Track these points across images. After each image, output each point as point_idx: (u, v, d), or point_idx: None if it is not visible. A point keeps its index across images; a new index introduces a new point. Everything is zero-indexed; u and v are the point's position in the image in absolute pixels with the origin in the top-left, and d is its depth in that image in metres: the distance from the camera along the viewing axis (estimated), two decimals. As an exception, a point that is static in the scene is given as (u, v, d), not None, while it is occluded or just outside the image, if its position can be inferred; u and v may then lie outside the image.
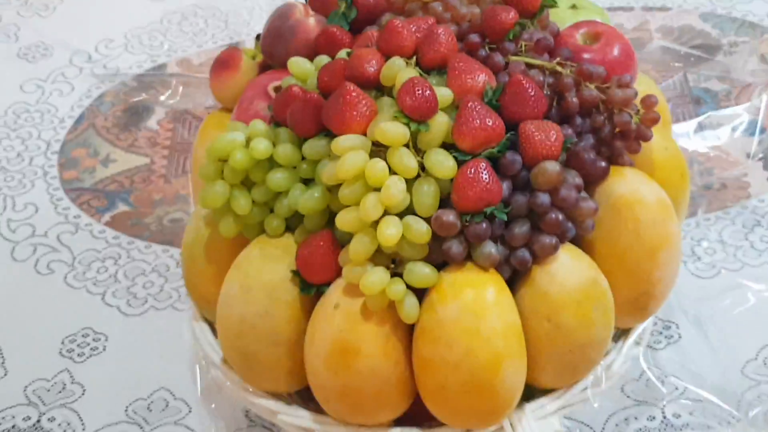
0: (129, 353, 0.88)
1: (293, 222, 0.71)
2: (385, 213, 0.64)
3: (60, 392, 0.85)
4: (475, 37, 0.71)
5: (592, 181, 0.69)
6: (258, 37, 0.81)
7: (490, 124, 0.65)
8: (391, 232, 0.63)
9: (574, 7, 0.80)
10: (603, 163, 0.69)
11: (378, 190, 0.64)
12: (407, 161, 0.65)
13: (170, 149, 1.05)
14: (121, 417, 0.83)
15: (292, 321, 0.69)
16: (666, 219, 0.70)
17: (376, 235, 0.64)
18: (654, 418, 0.80)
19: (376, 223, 0.64)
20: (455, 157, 0.65)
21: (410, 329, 0.67)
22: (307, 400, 0.73)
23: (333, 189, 0.68)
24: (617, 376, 0.73)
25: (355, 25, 0.76)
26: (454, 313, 0.64)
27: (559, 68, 0.69)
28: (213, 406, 0.81)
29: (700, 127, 0.99)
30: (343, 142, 0.65)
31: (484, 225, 0.65)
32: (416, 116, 0.65)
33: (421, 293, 0.66)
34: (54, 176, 1.03)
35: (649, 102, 0.70)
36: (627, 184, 0.70)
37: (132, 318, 0.91)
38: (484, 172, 0.64)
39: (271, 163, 0.70)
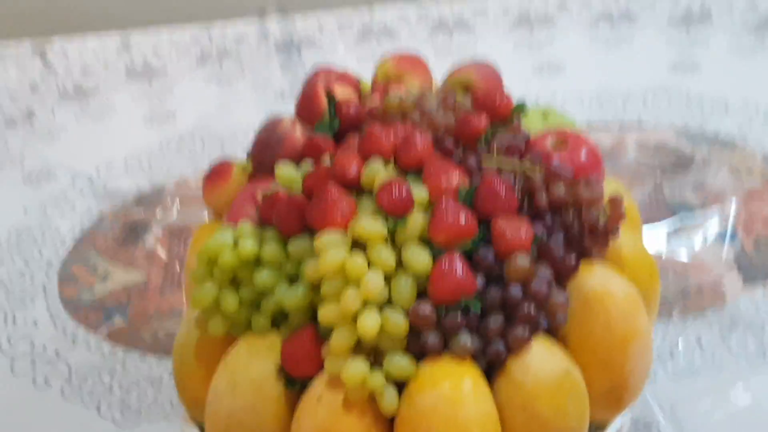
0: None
1: (279, 319, 0.74)
2: (365, 306, 0.67)
3: None
4: (449, 142, 0.75)
5: (563, 276, 0.73)
6: (248, 154, 0.85)
7: (463, 220, 0.69)
8: (370, 324, 0.66)
9: (545, 116, 0.85)
10: (573, 259, 0.72)
11: (357, 284, 0.67)
12: (385, 256, 0.68)
13: (166, 265, 1.09)
14: None
15: (277, 416, 0.71)
16: (635, 312, 0.73)
17: (356, 328, 0.67)
18: None
19: (355, 315, 0.67)
20: (431, 252, 0.69)
21: (390, 422, 0.70)
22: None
23: (316, 286, 0.71)
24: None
25: (339, 134, 0.81)
26: (431, 403, 0.67)
27: (527, 171, 0.74)
28: None
29: (675, 234, 1.03)
30: (325, 239, 0.69)
31: (459, 317, 0.68)
32: (394, 213, 0.69)
33: (401, 384, 0.69)
34: (54, 294, 1.07)
35: (616, 201, 0.74)
36: (597, 278, 0.73)
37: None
38: (458, 265, 0.68)
39: (257, 262, 0.73)
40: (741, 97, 1.21)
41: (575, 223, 0.73)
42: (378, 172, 0.72)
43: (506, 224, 0.70)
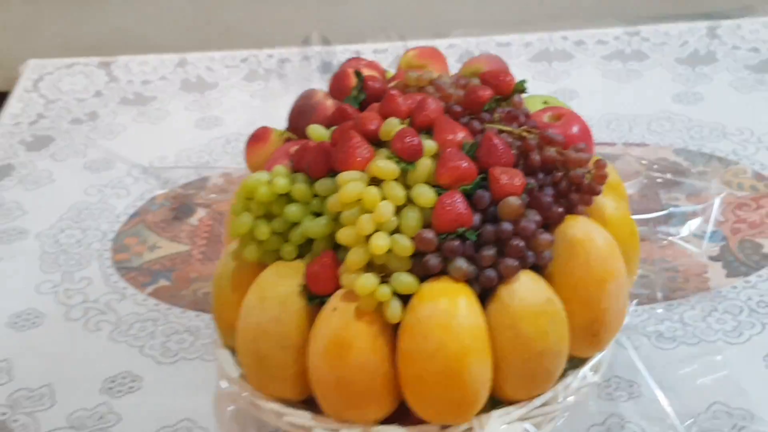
0: (160, 392, 1.01)
1: (304, 250, 0.86)
2: (377, 230, 0.79)
3: (99, 419, 0.98)
4: (457, 108, 0.88)
5: (550, 224, 0.84)
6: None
7: (464, 165, 0.81)
8: (381, 243, 0.78)
9: (545, 103, 0.98)
10: (560, 209, 0.84)
11: (371, 212, 0.80)
12: (396, 191, 0.80)
13: (207, 240, 1.21)
14: (149, 440, 0.96)
15: (299, 328, 0.83)
16: (613, 257, 0.84)
17: (369, 248, 0.79)
18: (619, 453, 0.91)
19: (368, 238, 0.79)
20: (436, 191, 0.81)
21: (394, 334, 0.81)
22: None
23: (337, 218, 0.83)
24: (573, 395, 0.85)
25: (364, 105, 0.94)
26: (429, 313, 0.78)
27: (525, 133, 0.86)
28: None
29: (664, 224, 1.14)
30: (346, 175, 0.82)
31: (457, 242, 0.79)
32: (405, 157, 0.81)
33: (404, 301, 0.80)
34: (108, 258, 1.20)
35: (600, 164, 0.86)
36: (580, 227, 0.85)
37: (165, 366, 1.04)
38: (458, 200, 0.80)
39: (288, 199, 0.86)
40: (737, 125, 1.32)
41: (563, 181, 0.85)
42: (395, 126, 0.85)
43: (502, 172, 0.82)
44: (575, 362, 0.87)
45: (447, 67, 1.02)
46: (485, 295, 0.82)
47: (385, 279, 0.80)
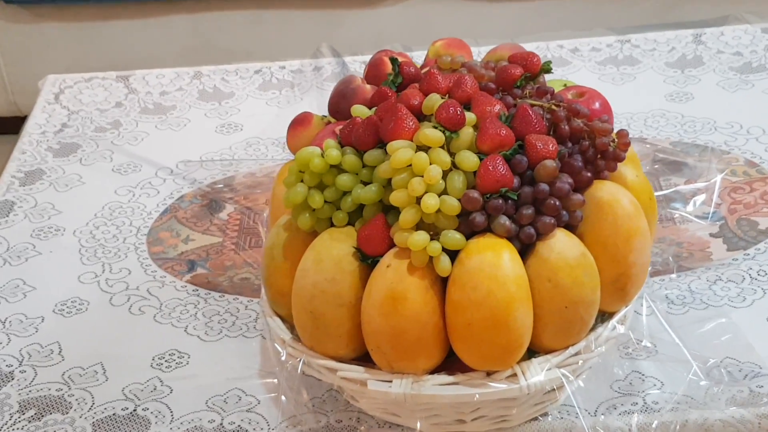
0: (208, 366, 1.07)
1: (353, 217, 0.93)
2: (427, 191, 0.87)
3: (152, 391, 1.04)
4: (491, 85, 0.96)
5: (579, 188, 0.92)
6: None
7: (503, 133, 0.89)
8: (431, 203, 0.86)
9: (565, 85, 1.06)
10: (588, 174, 0.92)
11: (421, 175, 0.87)
12: (443, 156, 0.88)
13: (238, 232, 1.28)
14: (202, 407, 1.02)
15: (353, 287, 0.90)
16: (638, 215, 0.92)
17: (420, 208, 0.87)
18: (636, 404, 0.98)
19: (419, 199, 0.87)
20: (478, 156, 0.89)
21: (443, 288, 0.88)
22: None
23: (386, 186, 0.91)
24: (604, 344, 0.93)
25: (400, 88, 1.02)
26: (477, 265, 0.86)
27: (554, 107, 0.94)
28: (282, 398, 0.99)
29: (667, 206, 1.23)
30: (396, 144, 0.89)
31: (500, 201, 0.87)
32: (450, 126, 0.89)
33: (452, 257, 0.88)
34: (143, 250, 1.26)
35: (622, 133, 0.94)
36: (606, 190, 0.93)
37: (210, 343, 1.11)
38: (500, 164, 0.88)
39: (339, 170, 0.93)
40: (727, 119, 1.42)
41: (590, 149, 0.94)
42: (436, 100, 0.93)
43: (537, 139, 0.90)
44: (603, 317, 0.95)
45: (472, 56, 1.11)
46: (524, 252, 0.89)
47: (434, 237, 0.87)
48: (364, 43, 1.68)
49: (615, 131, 0.95)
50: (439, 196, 0.87)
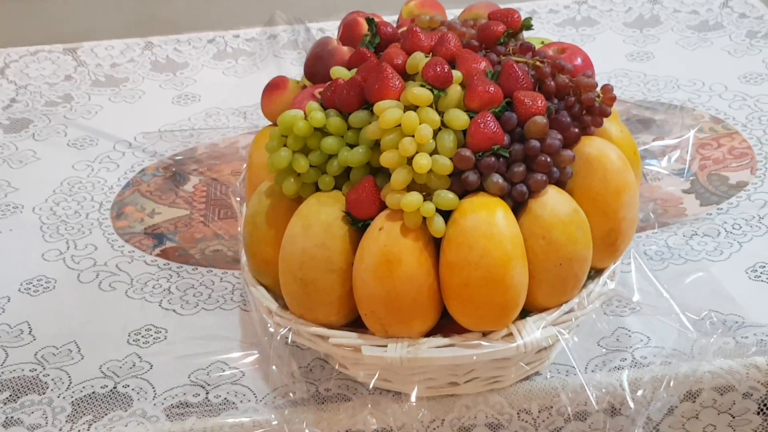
0: (187, 340, 1.04)
1: (340, 181, 0.91)
2: (418, 151, 0.85)
3: (131, 368, 1.01)
4: (474, 42, 0.95)
5: (568, 144, 0.91)
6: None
7: (492, 90, 0.88)
8: (424, 162, 0.84)
9: (542, 43, 1.05)
10: (576, 129, 0.92)
11: (412, 134, 0.85)
12: (432, 115, 0.86)
13: (206, 204, 1.25)
14: (185, 382, 0.99)
15: (343, 252, 0.88)
16: (626, 170, 0.92)
17: (412, 168, 0.85)
18: (625, 359, 0.98)
19: (410, 159, 0.85)
20: (468, 114, 0.88)
21: (436, 250, 0.87)
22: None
23: (373, 148, 0.89)
24: (596, 300, 0.92)
25: (379, 49, 1.00)
26: (472, 224, 0.84)
27: (538, 63, 0.93)
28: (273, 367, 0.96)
29: (647, 157, 1.24)
30: (383, 104, 0.87)
31: (492, 159, 0.86)
32: (438, 84, 0.88)
33: (445, 217, 0.86)
34: (108, 225, 1.22)
35: (607, 88, 0.93)
36: (594, 145, 0.92)
37: (187, 316, 1.08)
38: (491, 121, 0.86)
39: (323, 133, 0.91)
40: (689, 77, 1.43)
41: (576, 105, 0.93)
42: (421, 59, 0.91)
43: (525, 95, 0.89)
44: (591, 273, 0.94)
45: (446, 16, 1.09)
46: (516, 210, 0.88)
47: (426, 197, 0.86)
48: (317, 9, 1.64)
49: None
50: (430, 155, 0.86)
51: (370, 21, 1.01)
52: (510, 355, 0.88)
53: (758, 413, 0.98)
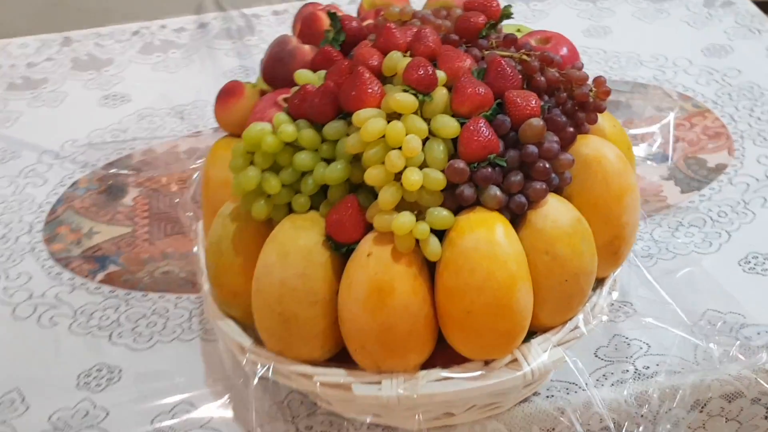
0: (145, 379, 0.94)
1: (316, 200, 0.82)
2: (407, 165, 0.76)
3: (85, 417, 0.90)
4: (454, 36, 0.85)
5: (564, 146, 0.83)
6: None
7: (482, 91, 0.79)
8: (415, 178, 0.75)
9: (518, 31, 0.96)
10: (571, 129, 0.83)
11: (399, 147, 0.76)
12: (419, 123, 0.77)
13: (149, 219, 1.14)
14: (148, 428, 0.89)
15: (326, 281, 0.79)
16: (627, 171, 0.84)
17: (401, 185, 0.76)
18: (627, 371, 0.91)
19: (399, 175, 0.76)
20: (458, 120, 0.78)
21: (431, 273, 0.78)
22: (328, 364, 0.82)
23: (353, 162, 0.79)
24: (603, 314, 0.84)
25: (344, 46, 0.90)
26: (472, 243, 0.76)
27: (525, 57, 0.84)
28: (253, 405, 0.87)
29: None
30: (363, 113, 0.78)
31: (489, 170, 0.77)
32: (422, 88, 0.78)
33: (439, 237, 0.77)
34: (42, 250, 1.10)
35: (600, 80, 0.85)
36: (591, 145, 0.84)
37: (141, 352, 0.97)
38: (484, 127, 0.77)
39: (295, 148, 0.81)
40: (651, 52, 1.36)
41: (568, 101, 0.84)
42: (399, 59, 0.81)
43: (517, 94, 0.80)
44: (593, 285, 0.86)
45: (410, 5, 0.99)
46: (514, 223, 0.80)
47: (418, 217, 0.77)
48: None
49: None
50: (420, 169, 0.77)
51: (332, 15, 0.91)
52: (516, 384, 0.80)
53: (766, 417, 0.92)
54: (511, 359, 0.80)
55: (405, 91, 0.78)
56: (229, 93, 0.92)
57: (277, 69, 0.90)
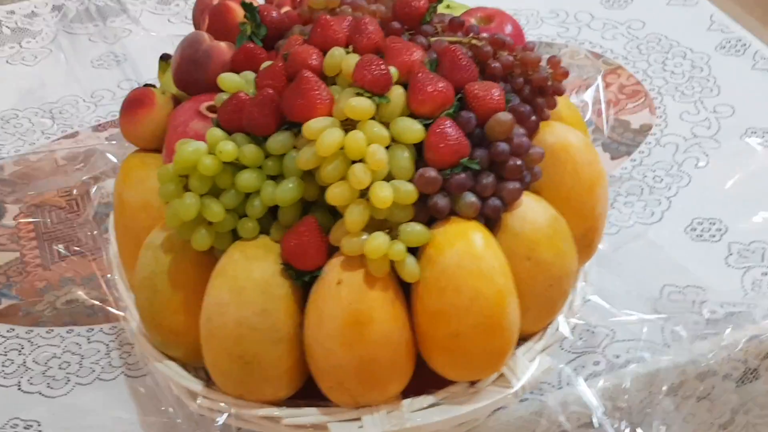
0: (71, 430, 0.83)
1: (264, 224, 0.72)
2: (374, 179, 0.67)
3: (6, 485, 0.79)
4: (396, 24, 0.76)
5: (528, 135, 0.76)
6: (162, 57, 0.82)
7: (442, 87, 0.71)
8: (385, 194, 0.67)
9: (448, 7, 0.88)
10: (533, 118, 0.76)
11: (362, 160, 0.67)
12: (380, 131, 0.68)
13: (37, 240, 1.01)
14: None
15: (288, 315, 0.70)
16: (596, 157, 0.78)
17: (370, 202, 0.67)
18: (599, 362, 0.86)
19: (365, 192, 0.67)
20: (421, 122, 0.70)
21: (406, 294, 0.70)
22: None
23: (305, 177, 0.70)
24: (580, 312, 0.79)
25: (267, 41, 0.79)
26: (454, 260, 0.68)
27: (475, 41, 0.76)
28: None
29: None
30: (314, 124, 0.68)
31: (463, 175, 0.69)
32: (377, 90, 0.69)
33: (412, 253, 0.69)
34: None
35: (555, 61, 0.78)
36: (555, 133, 0.77)
37: (59, 398, 0.86)
38: (452, 128, 0.69)
39: (235, 167, 0.71)
40: (550, 7, 1.29)
41: (525, 87, 0.77)
42: (343, 57, 0.72)
43: (478, 87, 0.72)
44: (563, 279, 0.80)
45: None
46: (489, 229, 0.72)
47: (390, 234, 0.68)
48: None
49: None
50: (388, 182, 0.68)
51: (248, 6, 0.80)
52: (508, 403, 0.73)
53: (735, 391, 0.89)
54: (498, 375, 0.73)
55: (359, 94, 0.69)
56: (136, 103, 0.80)
57: (192, 72, 0.79)
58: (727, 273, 0.94)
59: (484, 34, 0.77)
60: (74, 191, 1.05)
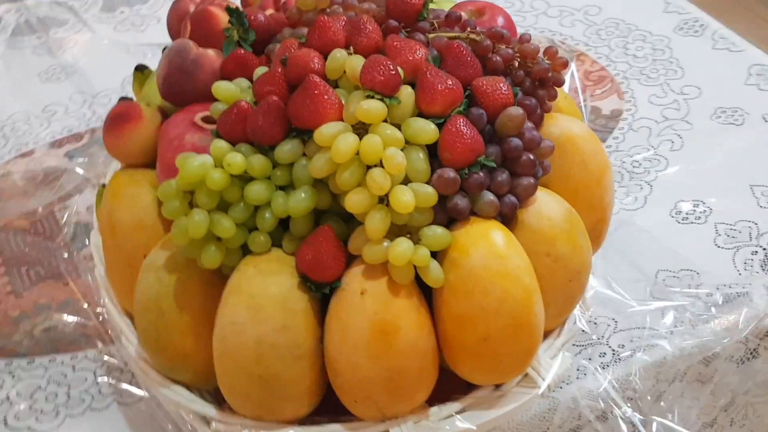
0: (65, 466, 0.79)
1: (274, 236, 0.69)
2: (393, 183, 0.65)
3: None
4: (393, 22, 0.74)
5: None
6: (138, 68, 0.79)
7: (452, 85, 0.69)
8: (406, 198, 0.64)
9: (432, 2, 0.86)
10: (539, 110, 0.75)
11: (380, 164, 0.65)
12: (394, 133, 0.66)
13: (4, 266, 0.96)
14: None
15: (309, 329, 0.67)
16: (600, 147, 0.77)
17: (390, 208, 0.64)
18: (605, 354, 0.85)
19: (384, 197, 0.65)
20: (433, 122, 0.68)
21: (428, 300, 0.68)
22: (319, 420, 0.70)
23: (318, 186, 0.67)
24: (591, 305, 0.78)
25: (256, 46, 0.76)
26: (480, 261, 0.66)
27: (474, 36, 0.74)
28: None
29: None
30: (327, 130, 0.65)
31: (481, 174, 0.67)
32: (387, 91, 0.67)
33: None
34: None
35: (552, 51, 0.77)
36: (561, 124, 0.76)
37: (50, 432, 0.81)
38: (466, 126, 0.67)
39: (242, 179, 0.68)
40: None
41: (526, 79, 0.75)
42: (345, 58, 0.69)
43: (485, 83, 0.70)
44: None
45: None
46: (506, 226, 0.71)
47: (413, 240, 0.66)
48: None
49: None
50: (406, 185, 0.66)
51: (234, 11, 0.77)
52: (534, 403, 0.72)
53: (736, 372, 0.89)
54: (521, 377, 0.71)
55: (368, 96, 0.67)
56: (122, 118, 0.76)
57: (180, 83, 0.75)
58: (718, 254, 0.93)
59: (481, 28, 0.75)
60: (39, 211, 1.00)
